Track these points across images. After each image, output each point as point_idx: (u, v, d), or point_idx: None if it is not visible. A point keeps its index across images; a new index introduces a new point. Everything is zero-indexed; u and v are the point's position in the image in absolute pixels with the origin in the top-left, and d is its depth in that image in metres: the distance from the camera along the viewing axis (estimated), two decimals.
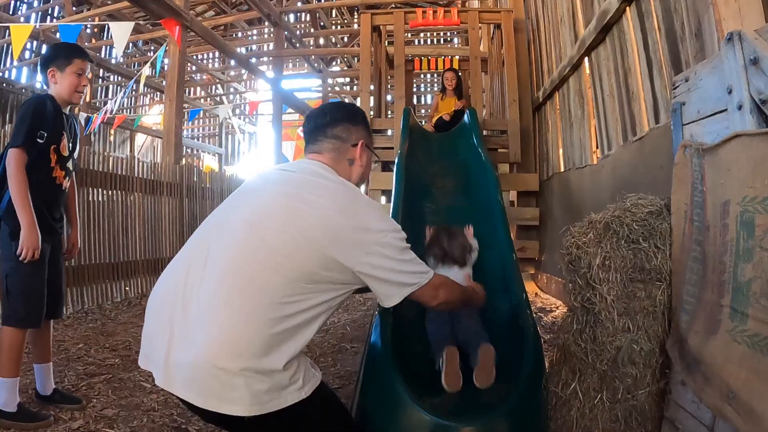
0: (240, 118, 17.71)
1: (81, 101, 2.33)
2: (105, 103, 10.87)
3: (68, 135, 2.33)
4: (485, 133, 5.46)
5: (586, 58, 4.04)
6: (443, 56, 7.73)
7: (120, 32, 5.99)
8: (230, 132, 18.34)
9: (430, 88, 15.24)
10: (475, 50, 5.86)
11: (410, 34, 13.06)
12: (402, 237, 1.59)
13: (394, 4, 10.73)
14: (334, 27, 14.78)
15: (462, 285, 1.93)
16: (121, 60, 13.32)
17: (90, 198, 4.68)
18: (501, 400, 1.73)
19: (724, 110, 1.34)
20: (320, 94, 12.62)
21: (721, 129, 1.33)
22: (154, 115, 14.51)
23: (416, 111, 10.87)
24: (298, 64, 16.75)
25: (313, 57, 13.46)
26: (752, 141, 1.11)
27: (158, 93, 14.63)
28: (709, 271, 1.25)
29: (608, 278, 1.48)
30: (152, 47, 13.51)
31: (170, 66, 6.65)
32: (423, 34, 14.33)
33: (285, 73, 12.69)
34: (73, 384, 2.61)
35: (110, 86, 14.97)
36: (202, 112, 15.46)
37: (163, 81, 10.13)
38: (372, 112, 5.93)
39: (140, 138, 15.38)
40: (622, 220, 1.53)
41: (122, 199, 5.11)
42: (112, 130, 13.22)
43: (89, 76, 2.42)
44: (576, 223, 1.69)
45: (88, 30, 11.43)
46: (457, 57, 7.74)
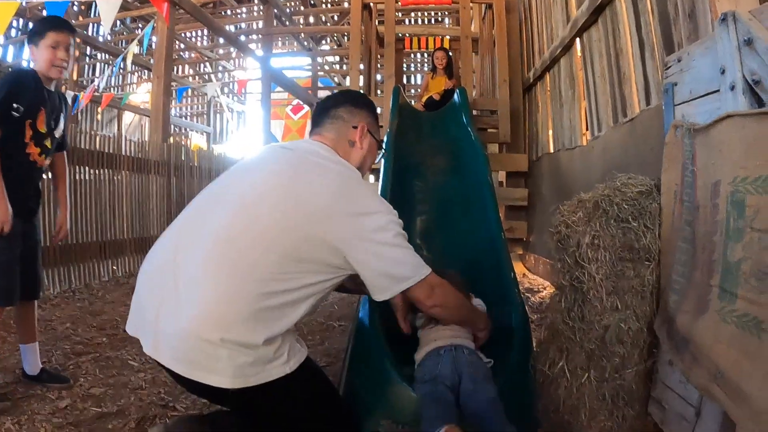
0: (228, 96, 17.52)
1: (61, 75, 2.25)
2: (92, 81, 10.66)
3: (49, 112, 2.26)
4: (475, 113, 5.44)
5: (578, 39, 4.02)
6: (434, 35, 7.66)
7: (107, 9, 5.86)
8: (218, 111, 18.13)
9: (420, 68, 15.11)
10: (466, 30, 5.80)
11: (401, 13, 12.91)
12: (399, 224, 1.55)
13: None
14: (324, 5, 14.59)
15: (465, 298, 1.84)
16: (109, 38, 13.07)
17: (77, 177, 4.62)
18: None
19: (717, 91, 1.34)
20: (310, 73, 12.46)
21: (713, 109, 1.32)
22: (141, 93, 14.28)
23: (406, 91, 10.79)
24: (287, 42, 16.52)
25: (302, 35, 13.30)
26: (744, 121, 1.11)
27: (146, 71, 14.39)
28: (699, 251, 1.25)
29: (597, 257, 1.48)
30: (140, 24, 13.22)
31: (158, 43, 6.52)
32: (414, 13, 14.17)
33: (274, 51, 12.52)
34: (60, 363, 2.60)
35: (98, 64, 14.70)
36: (190, 90, 15.27)
37: (151, 59, 9.96)
38: (361, 91, 5.88)
39: (128, 117, 15.17)
40: (611, 199, 1.53)
41: (109, 177, 5.06)
42: (99, 109, 13.00)
43: (75, 53, 2.36)
44: (565, 202, 1.68)
45: (75, 7, 11.19)
46: (448, 37, 7.66)
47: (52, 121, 2.29)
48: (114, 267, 5.05)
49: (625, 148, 3.03)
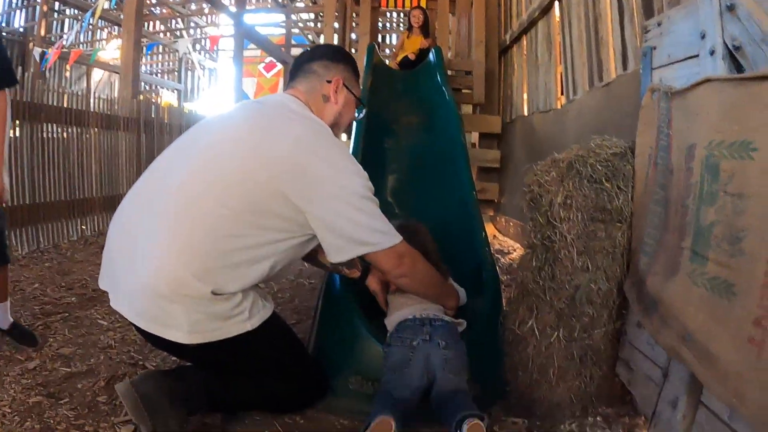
0: (200, 53, 17.05)
1: None
2: (60, 38, 10.21)
3: None
4: (450, 73, 5.39)
5: (557, 2, 3.99)
6: None
7: None
8: (190, 68, 17.63)
9: (396, 27, 14.83)
10: None
11: None
12: (368, 186, 1.51)
13: None
14: None
15: (435, 272, 1.77)
16: None
17: (44, 135, 4.46)
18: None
19: (696, 56, 1.33)
20: (283, 31, 12.15)
21: (692, 74, 1.32)
22: (111, 49, 13.79)
23: (381, 51, 10.62)
24: None
25: None
26: (723, 86, 1.11)
27: (116, 27, 13.80)
28: (671, 214, 1.27)
29: (569, 217, 1.48)
30: None
31: None
32: None
33: (248, 7, 12.14)
34: (29, 324, 2.54)
35: (66, 20, 14.07)
36: (161, 47, 14.75)
37: (121, 14, 9.57)
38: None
39: (97, 74, 14.64)
40: (585, 160, 1.52)
41: (78, 135, 4.90)
42: (68, 65, 12.48)
43: (43, 7, 2.21)
44: (539, 162, 1.68)
45: None
46: None
47: None
48: (83, 226, 4.93)
49: (599, 113, 3.04)
